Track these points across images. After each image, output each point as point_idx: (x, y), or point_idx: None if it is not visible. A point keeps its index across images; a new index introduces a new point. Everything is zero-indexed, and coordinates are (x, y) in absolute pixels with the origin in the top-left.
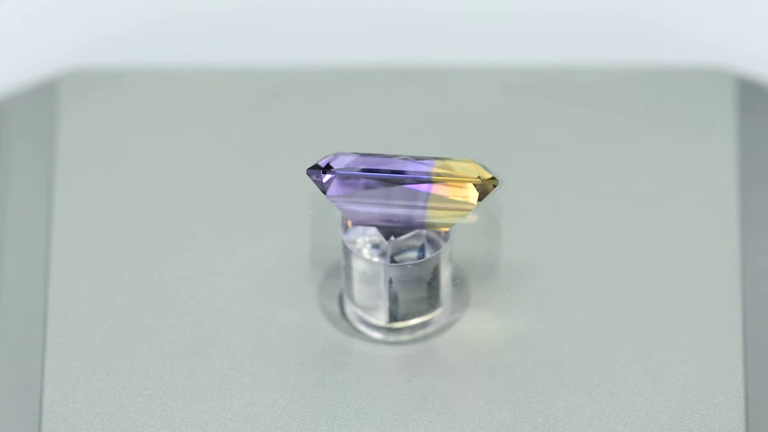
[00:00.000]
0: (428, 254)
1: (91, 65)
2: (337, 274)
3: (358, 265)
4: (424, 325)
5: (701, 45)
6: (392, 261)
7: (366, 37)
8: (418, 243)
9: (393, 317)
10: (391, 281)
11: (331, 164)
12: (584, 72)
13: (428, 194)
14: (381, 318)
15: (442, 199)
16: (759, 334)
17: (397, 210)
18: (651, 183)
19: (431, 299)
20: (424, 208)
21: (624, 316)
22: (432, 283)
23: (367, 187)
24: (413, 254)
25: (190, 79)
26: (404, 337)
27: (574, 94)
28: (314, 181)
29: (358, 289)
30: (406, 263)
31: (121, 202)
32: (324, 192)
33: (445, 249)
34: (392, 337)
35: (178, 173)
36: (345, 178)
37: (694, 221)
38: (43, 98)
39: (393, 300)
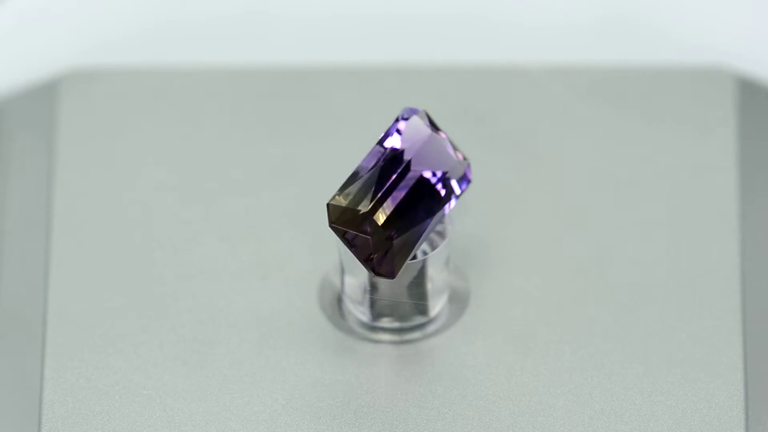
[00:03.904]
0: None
1: (91, 65)
2: (336, 273)
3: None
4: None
5: (701, 45)
6: None
7: (366, 37)
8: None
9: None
10: (340, 255)
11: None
12: (584, 72)
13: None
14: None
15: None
16: (759, 334)
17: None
18: (651, 183)
19: (372, 302)
20: None
21: (624, 316)
22: (372, 291)
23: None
24: None
25: (190, 79)
26: (406, 336)
27: (574, 94)
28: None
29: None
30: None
31: (121, 202)
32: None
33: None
34: (393, 337)
35: (177, 173)
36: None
37: (694, 221)
38: (44, 98)
39: (341, 272)
